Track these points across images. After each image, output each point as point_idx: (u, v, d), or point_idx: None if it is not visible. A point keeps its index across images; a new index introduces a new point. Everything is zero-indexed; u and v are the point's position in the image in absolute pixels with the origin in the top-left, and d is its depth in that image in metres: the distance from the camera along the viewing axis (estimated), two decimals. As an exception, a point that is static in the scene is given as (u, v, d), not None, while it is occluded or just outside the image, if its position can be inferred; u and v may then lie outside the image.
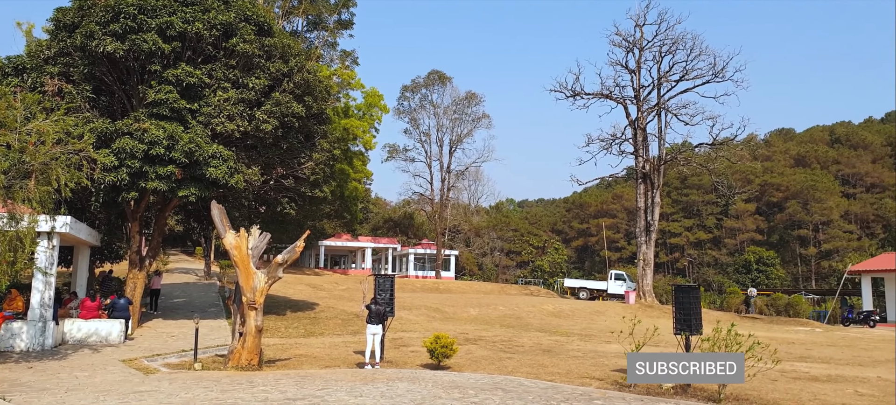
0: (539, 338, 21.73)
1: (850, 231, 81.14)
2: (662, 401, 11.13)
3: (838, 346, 21.48)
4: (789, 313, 38.58)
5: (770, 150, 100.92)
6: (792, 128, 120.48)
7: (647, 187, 39.16)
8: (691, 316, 12.67)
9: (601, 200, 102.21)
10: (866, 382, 13.96)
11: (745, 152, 57.90)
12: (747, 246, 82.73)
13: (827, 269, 73.30)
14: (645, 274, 38.09)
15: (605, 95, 40.90)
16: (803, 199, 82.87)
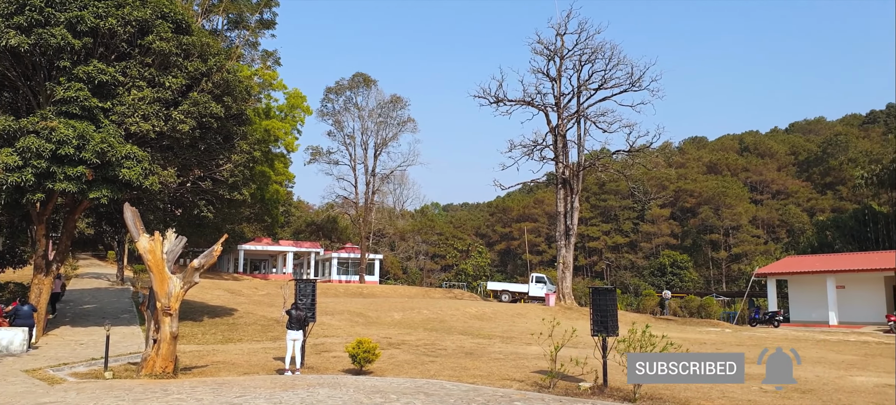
0: (462, 341, 21.86)
1: (757, 235, 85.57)
2: (580, 402, 11.41)
3: (745, 346, 22.54)
4: (701, 314, 40.29)
5: (684, 158, 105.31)
6: (704, 136, 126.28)
7: (567, 192, 40.12)
8: (608, 318, 13.02)
9: (523, 205, 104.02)
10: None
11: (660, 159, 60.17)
12: (662, 249, 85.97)
13: (736, 272, 77.01)
14: (564, 277, 38.98)
15: (527, 102, 41.67)
16: (715, 204, 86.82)
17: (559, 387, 12.81)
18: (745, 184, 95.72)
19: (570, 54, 41.38)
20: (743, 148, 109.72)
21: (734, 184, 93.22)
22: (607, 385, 12.77)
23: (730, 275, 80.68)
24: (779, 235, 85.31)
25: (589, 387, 12.74)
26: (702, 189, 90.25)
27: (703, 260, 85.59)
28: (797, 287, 37.30)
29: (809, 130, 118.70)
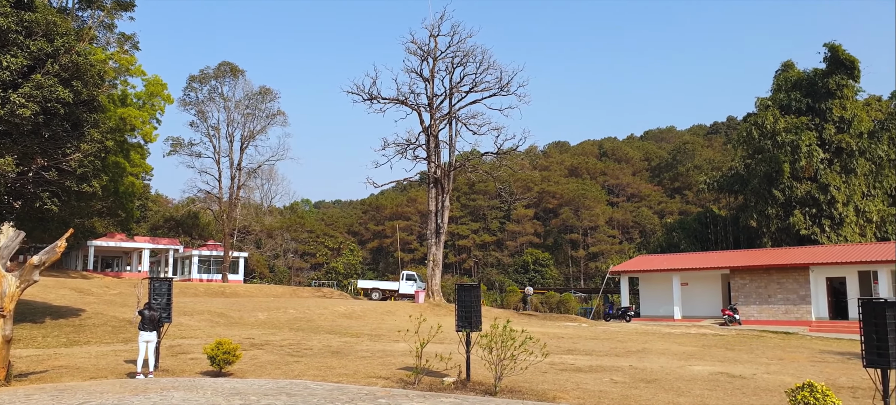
0: (329, 340, 21.57)
1: (613, 235, 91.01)
2: (443, 396, 11.61)
3: (600, 339, 23.90)
4: (560, 310, 42.30)
5: (548, 161, 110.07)
6: (567, 141, 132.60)
7: (439, 192, 40.71)
8: (472, 313, 13.34)
9: (396, 203, 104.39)
10: (620, 371, 15.67)
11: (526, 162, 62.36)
12: (526, 248, 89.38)
13: (594, 270, 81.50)
14: (434, 274, 39.54)
15: (401, 101, 41.85)
16: (575, 206, 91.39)
17: (424, 382, 12.96)
18: (603, 187, 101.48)
19: (443, 56, 42.03)
20: (602, 153, 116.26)
21: (593, 187, 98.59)
22: (470, 379, 13.09)
23: (588, 273, 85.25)
24: (632, 235, 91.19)
25: (453, 382, 13.00)
26: (564, 191, 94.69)
27: (564, 258, 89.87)
28: (647, 284, 40.07)
29: (661, 138, 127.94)
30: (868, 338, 8.80)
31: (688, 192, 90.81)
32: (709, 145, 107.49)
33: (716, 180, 54.18)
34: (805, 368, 16.78)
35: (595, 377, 14.54)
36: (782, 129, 44.51)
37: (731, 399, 12.06)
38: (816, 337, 28.12)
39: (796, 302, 33.29)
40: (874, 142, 46.25)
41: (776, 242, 44.66)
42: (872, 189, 46.96)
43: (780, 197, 44.78)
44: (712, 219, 53.56)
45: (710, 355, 19.40)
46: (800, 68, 50.69)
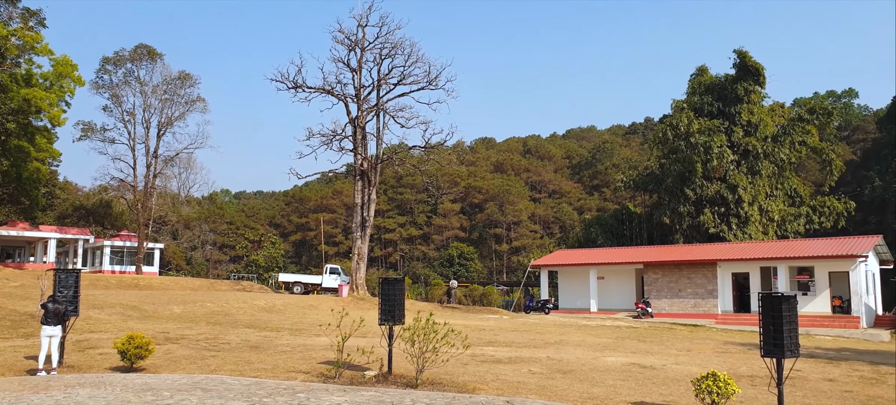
0: (248, 334, 21.14)
1: (535, 230, 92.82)
2: (364, 390, 11.60)
3: (519, 332, 24.40)
4: (483, 303, 42.85)
5: (475, 156, 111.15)
6: (493, 137, 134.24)
7: (365, 184, 40.43)
8: (395, 307, 13.36)
9: (321, 195, 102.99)
10: (538, 362, 16.07)
11: (453, 157, 62.71)
12: (452, 242, 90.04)
13: (516, 264, 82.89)
14: (358, 268, 39.29)
15: (327, 91, 41.26)
16: (500, 201, 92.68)
17: (345, 376, 12.92)
18: (526, 183, 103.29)
19: (371, 47, 41.68)
20: (526, 150, 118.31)
21: (517, 183, 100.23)
22: (392, 372, 13.13)
23: (510, 267, 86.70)
24: (553, 231, 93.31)
25: (374, 376, 13.00)
26: (489, 186, 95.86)
27: (488, 252, 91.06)
28: (566, 277, 41.13)
29: (582, 137, 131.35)
30: (766, 330, 9.37)
31: (606, 189, 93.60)
32: (627, 145, 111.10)
33: (632, 179, 56.14)
34: (710, 359, 17.67)
35: (514, 368, 14.86)
36: (695, 131, 46.56)
37: (641, 389, 12.57)
38: (722, 329, 29.62)
39: (704, 296, 34.95)
40: (777, 145, 49.05)
41: (687, 239, 46.72)
42: (775, 190, 49.80)
43: (691, 196, 46.85)
44: (628, 216, 55.47)
45: (624, 347, 20.14)
46: (713, 73, 53.15)
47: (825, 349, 21.65)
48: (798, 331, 9.54)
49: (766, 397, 11.51)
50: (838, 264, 32.20)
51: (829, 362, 17.71)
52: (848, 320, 30.61)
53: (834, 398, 12.26)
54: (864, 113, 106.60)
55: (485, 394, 11.48)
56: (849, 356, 19.44)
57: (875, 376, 15.28)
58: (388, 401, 10.49)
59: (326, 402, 10.32)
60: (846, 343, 24.33)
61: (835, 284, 33.02)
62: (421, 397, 10.90)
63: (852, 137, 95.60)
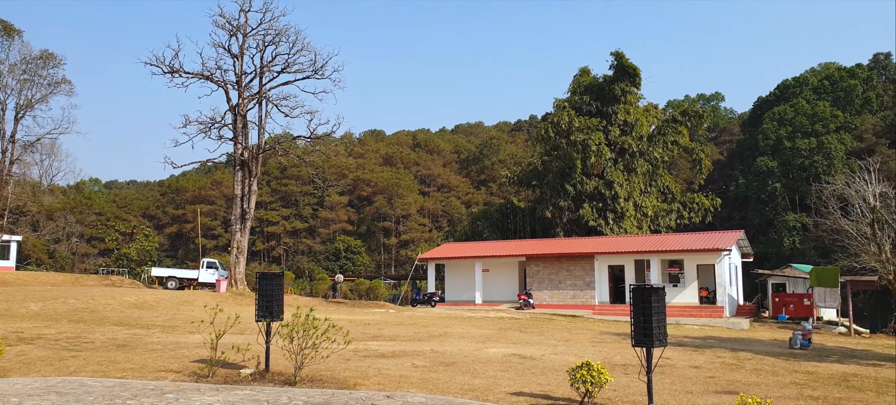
0: (115, 332, 19.75)
1: (424, 224, 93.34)
2: (239, 389, 11.07)
3: (405, 325, 24.34)
4: (370, 296, 42.54)
5: (363, 149, 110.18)
6: (383, 130, 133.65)
7: (245, 175, 38.95)
8: (273, 302, 12.87)
9: (200, 186, 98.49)
10: (421, 355, 16.03)
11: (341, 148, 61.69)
12: (339, 235, 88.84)
13: (404, 257, 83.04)
14: (238, 262, 37.83)
15: (206, 77, 39.36)
16: (389, 194, 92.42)
17: (219, 375, 12.30)
18: (415, 177, 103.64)
19: (253, 32, 40.19)
20: (415, 144, 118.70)
21: (406, 176, 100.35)
22: (270, 370, 12.64)
23: (398, 260, 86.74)
24: (441, 224, 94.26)
25: (250, 374, 12.47)
26: (378, 179, 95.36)
27: (376, 245, 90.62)
28: (452, 270, 41.57)
29: (470, 133, 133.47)
30: (637, 320, 9.75)
31: (492, 184, 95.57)
32: (512, 141, 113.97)
33: (517, 174, 57.59)
34: (587, 348, 18.33)
35: (397, 362, 14.74)
36: (575, 129, 48.32)
37: (521, 379, 12.80)
38: (598, 319, 30.93)
39: (583, 287, 36.39)
40: (652, 145, 51.89)
41: (568, 233, 48.49)
42: (649, 187, 52.68)
43: (571, 191, 48.65)
44: (513, 211, 56.88)
45: (506, 338, 20.53)
46: (594, 74, 55.43)
47: (692, 337, 23.06)
48: (666, 321, 10.00)
49: (637, 385, 12.02)
50: (705, 257, 34.46)
51: (696, 350, 18.84)
52: (713, 310, 32.84)
53: (698, 384, 13.00)
54: (730, 116, 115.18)
55: (365, 390, 11.26)
56: (713, 343, 20.79)
57: (735, 362, 16.40)
58: (263, 400, 10.05)
59: (197, 403, 9.74)
60: (711, 331, 26.06)
61: (702, 276, 35.32)
62: (298, 395, 10.53)
63: (720, 138, 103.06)
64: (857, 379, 14.06)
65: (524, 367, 14.31)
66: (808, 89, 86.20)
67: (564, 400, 10.63)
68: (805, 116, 78.16)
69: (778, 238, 71.98)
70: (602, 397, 10.60)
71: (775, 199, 75.87)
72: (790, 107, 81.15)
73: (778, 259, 64.67)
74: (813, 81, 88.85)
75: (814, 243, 62.40)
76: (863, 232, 29.66)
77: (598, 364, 9.95)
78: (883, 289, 29.83)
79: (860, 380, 13.86)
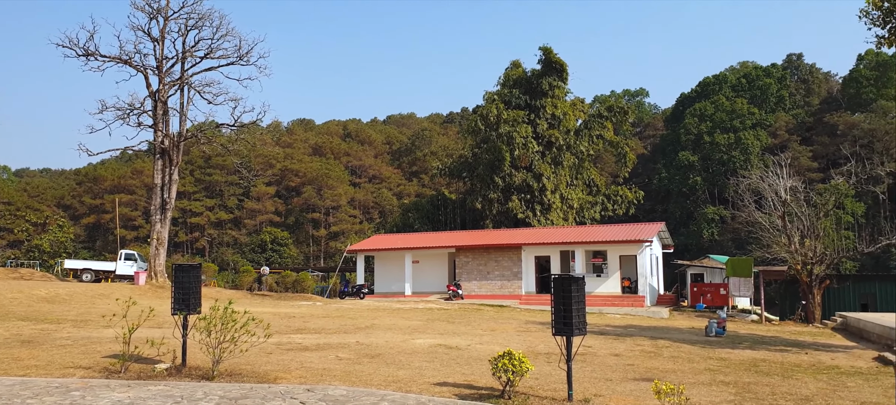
0: (21, 327, 18.68)
1: (354, 215, 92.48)
2: (152, 384, 10.63)
3: (332, 317, 24.01)
4: (296, 289, 41.81)
5: (292, 138, 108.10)
6: (312, 119, 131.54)
7: (166, 163, 37.53)
8: (190, 295, 12.42)
9: (119, 175, 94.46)
10: (347, 347, 15.83)
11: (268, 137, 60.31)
12: (265, 226, 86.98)
13: (334, 249, 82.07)
14: (158, 253, 36.43)
15: (124, 61, 37.64)
16: (318, 185, 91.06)
17: (132, 370, 11.77)
18: (346, 167, 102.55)
19: (175, 16, 38.69)
20: (346, 134, 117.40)
21: (337, 167, 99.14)
22: (186, 364, 12.21)
23: (328, 252, 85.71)
24: (372, 216, 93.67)
25: (166, 369, 12.00)
26: (307, 170, 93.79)
27: (305, 237, 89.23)
28: (382, 262, 41.34)
29: (402, 124, 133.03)
30: (557, 310, 9.86)
31: (424, 175, 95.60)
32: (444, 133, 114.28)
33: (448, 166, 57.75)
34: (512, 338, 18.53)
35: (321, 355, 14.50)
36: (504, 122, 48.77)
37: (445, 369, 12.79)
38: (524, 309, 31.38)
39: (510, 278, 36.85)
40: (578, 139, 52.98)
41: (497, 224, 48.99)
42: (575, 179, 53.79)
43: (500, 183, 49.14)
44: (443, 202, 57.04)
45: (433, 329, 20.53)
46: (524, 67, 56.05)
47: (614, 326, 23.66)
48: (586, 310, 10.16)
49: (558, 373, 12.20)
50: (628, 248, 35.44)
51: (617, 338, 19.33)
52: (635, 299, 33.84)
53: (618, 371, 13.32)
54: (653, 111, 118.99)
55: (286, 384, 11.01)
56: (633, 332, 21.38)
57: (654, 349, 16.90)
58: (177, 395, 9.68)
59: (106, 400, 9.30)
60: (633, 320, 26.81)
61: (624, 266, 36.32)
62: (215, 389, 10.20)
63: (644, 133, 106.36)
64: (766, 364, 14.72)
65: (449, 358, 14.33)
66: (728, 87, 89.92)
67: (487, 389, 10.67)
68: (724, 113, 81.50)
69: (697, 230, 74.90)
70: (523, 386, 10.70)
71: (696, 192, 78.89)
72: (710, 103, 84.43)
73: (697, 250, 67.28)
74: (732, 79, 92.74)
75: (731, 235, 65.31)
76: (775, 224, 31.13)
77: (519, 353, 10.02)
78: (792, 279, 31.40)
79: (768, 366, 14.51)
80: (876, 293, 32.33)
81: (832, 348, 18.01)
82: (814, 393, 11.31)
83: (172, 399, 9.40)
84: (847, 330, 23.35)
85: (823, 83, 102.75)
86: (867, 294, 32.38)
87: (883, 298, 31.79)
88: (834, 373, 13.72)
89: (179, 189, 65.83)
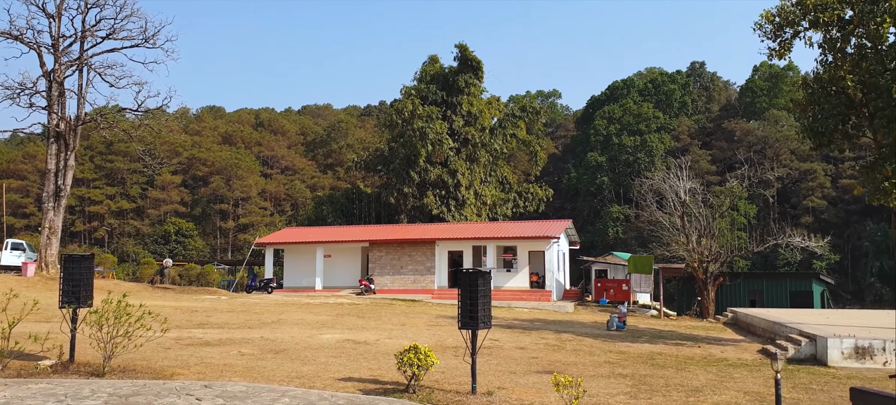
0: None
1: (265, 207, 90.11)
2: (34, 382, 9.97)
3: (237, 312, 23.32)
4: (201, 282, 40.41)
5: (200, 125, 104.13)
6: (223, 106, 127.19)
7: (61, 148, 35.28)
8: (81, 287, 11.74)
9: (8, 159, 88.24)
10: (251, 343, 15.41)
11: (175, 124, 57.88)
12: (170, 217, 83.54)
13: (242, 242, 79.70)
14: (50, 243, 34.22)
15: (15, 36, 35.00)
16: (227, 175, 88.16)
17: (11, 368, 11.01)
18: (257, 157, 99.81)
19: (74, -9, 36.44)
20: (258, 123, 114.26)
21: (248, 156, 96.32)
22: (74, 361, 11.54)
23: (236, 245, 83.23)
24: (284, 208, 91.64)
25: (51, 365, 11.31)
26: (216, 159, 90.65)
27: (212, 229, 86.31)
28: (292, 255, 40.53)
29: (318, 115, 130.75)
30: (463, 304, 9.94)
31: (339, 168, 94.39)
32: (361, 126, 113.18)
33: (364, 159, 57.32)
34: (422, 332, 18.58)
35: (223, 350, 14.06)
36: (418, 117, 48.84)
37: (352, 364, 12.67)
38: (436, 303, 31.54)
39: (423, 272, 36.95)
40: (493, 136, 53.75)
41: (411, 219, 49.05)
42: (489, 176, 54.57)
43: (416, 178, 49.22)
44: (358, 196, 56.59)
45: (342, 323, 20.31)
46: (443, 63, 56.30)
47: (521, 320, 24.15)
48: (492, 304, 10.29)
49: (464, 366, 12.28)
50: (537, 244, 36.25)
51: (523, 332, 19.72)
52: (542, 294, 34.66)
53: (522, 364, 13.59)
54: (565, 112, 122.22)
55: (183, 380, 10.59)
56: (539, 326, 21.88)
57: (557, 343, 17.35)
58: (61, 393, 9.11)
59: (-23, 401, 8.63)
60: (539, 314, 27.44)
61: (533, 262, 37.12)
62: (104, 386, 9.67)
63: (556, 133, 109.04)
64: (662, 357, 15.39)
65: (357, 353, 14.20)
66: (635, 91, 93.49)
67: (392, 384, 10.63)
68: (631, 116, 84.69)
69: (603, 228, 77.57)
70: (429, 379, 10.73)
71: (603, 191, 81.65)
72: (618, 106, 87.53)
73: (603, 247, 69.69)
74: (639, 84, 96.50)
75: (634, 233, 67.92)
76: (675, 223, 32.67)
77: (425, 347, 10.04)
78: (689, 276, 33.04)
79: (664, 358, 15.18)
80: (763, 290, 34.49)
81: (722, 342, 19.05)
82: (704, 384, 11.91)
83: (55, 397, 8.84)
84: (737, 324, 24.76)
85: (723, 91, 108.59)
86: (756, 290, 34.50)
87: (769, 295, 33.96)
88: (723, 365, 14.51)
89: (77, 175, 62.14)
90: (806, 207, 76.04)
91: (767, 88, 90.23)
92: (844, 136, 18.67)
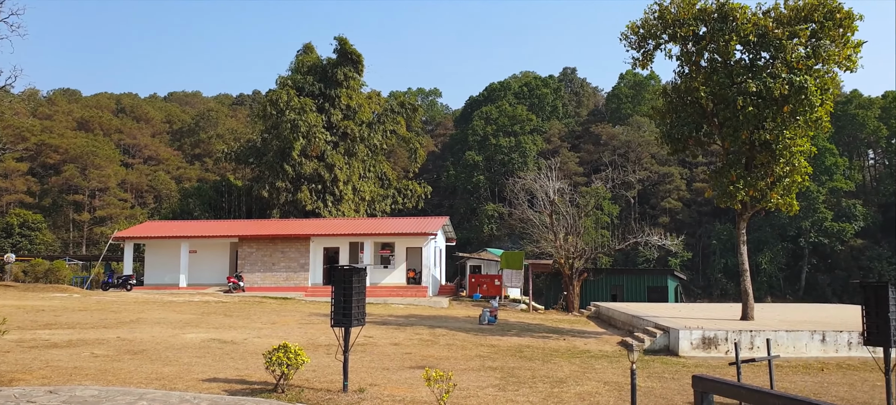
0: None
1: (125, 199, 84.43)
2: None
3: (90, 311, 21.68)
4: (50, 279, 37.25)
5: (52, 109, 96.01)
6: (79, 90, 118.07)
7: None
8: None
9: None
10: (105, 343, 14.36)
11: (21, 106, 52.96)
12: (13, 208, 76.33)
13: (99, 236, 74.30)
14: None
15: None
16: (83, 164, 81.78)
17: None
18: (117, 146, 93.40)
19: None
20: (119, 109, 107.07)
21: (106, 144, 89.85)
22: None
23: (92, 239, 77.48)
24: (147, 200, 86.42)
25: None
26: (69, 146, 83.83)
27: (64, 221, 79.77)
28: (154, 251, 38.24)
29: (186, 102, 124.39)
30: (337, 301, 9.75)
31: (208, 159, 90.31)
32: (233, 116, 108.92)
33: (234, 151, 55.13)
34: (293, 330, 18.10)
35: (73, 352, 12.99)
36: (291, 109, 47.56)
37: (217, 365, 12.10)
38: (310, 301, 30.90)
39: (297, 269, 36.05)
40: (372, 131, 53.38)
41: (285, 214, 47.70)
42: (368, 172, 54.16)
43: (290, 172, 47.92)
44: (228, 189, 54.34)
45: (207, 322, 19.39)
46: (320, 53, 55.15)
47: (397, 316, 24.13)
48: (367, 301, 10.17)
49: (336, 364, 12.08)
50: (414, 241, 36.39)
51: (398, 328, 19.71)
52: (418, 290, 34.84)
53: (396, 360, 13.55)
54: (445, 111, 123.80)
55: (24, 385, 9.65)
56: (415, 322, 21.95)
57: (431, 338, 17.47)
58: None
59: None
60: (415, 310, 27.55)
61: (411, 258, 37.24)
62: (-74, 397, 8.61)
63: (436, 131, 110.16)
64: (530, 350, 15.90)
65: (223, 353, 13.59)
66: (511, 93, 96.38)
67: (260, 384, 10.25)
68: (507, 118, 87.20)
69: (479, 225, 79.39)
70: (299, 378, 10.45)
71: (479, 189, 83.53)
72: (495, 108, 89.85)
73: (479, 243, 71.24)
74: (515, 87, 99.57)
75: (508, 230, 70.07)
76: (544, 221, 33.91)
77: (295, 346, 9.75)
78: (556, 271, 34.42)
79: (532, 351, 15.69)
80: (624, 285, 36.58)
81: (586, 334, 19.99)
82: (567, 375, 12.42)
83: None
84: (599, 317, 26.10)
85: (592, 97, 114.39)
86: (617, 285, 36.52)
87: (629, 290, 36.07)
88: (585, 356, 15.21)
89: None
90: (664, 208, 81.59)
91: (632, 95, 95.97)
92: (697, 143, 20.23)
